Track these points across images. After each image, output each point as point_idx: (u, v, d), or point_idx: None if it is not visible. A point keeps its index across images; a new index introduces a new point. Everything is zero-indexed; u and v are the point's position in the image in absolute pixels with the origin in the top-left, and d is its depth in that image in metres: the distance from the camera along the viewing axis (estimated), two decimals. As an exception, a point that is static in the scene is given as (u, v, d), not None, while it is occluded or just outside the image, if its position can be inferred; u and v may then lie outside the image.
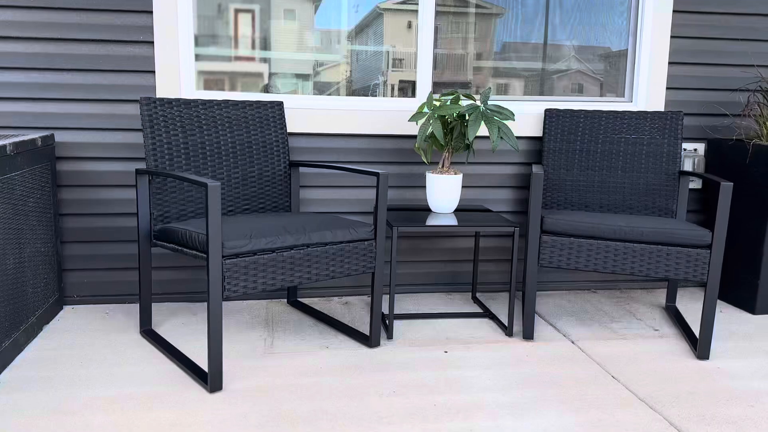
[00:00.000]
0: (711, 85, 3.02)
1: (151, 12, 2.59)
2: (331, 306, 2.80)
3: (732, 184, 2.20)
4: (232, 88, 2.76)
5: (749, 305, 2.81)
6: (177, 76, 2.62)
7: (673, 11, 2.93)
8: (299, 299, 2.86)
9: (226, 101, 2.51)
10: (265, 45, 2.77)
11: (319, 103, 2.79)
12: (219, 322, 1.94)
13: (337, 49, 2.83)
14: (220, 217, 1.89)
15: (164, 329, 2.49)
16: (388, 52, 2.86)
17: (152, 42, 2.60)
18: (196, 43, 2.71)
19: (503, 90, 2.98)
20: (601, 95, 3.04)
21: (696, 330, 2.61)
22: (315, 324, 2.57)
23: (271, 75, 2.80)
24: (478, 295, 3.00)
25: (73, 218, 2.68)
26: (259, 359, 2.23)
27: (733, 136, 3.06)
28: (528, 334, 2.46)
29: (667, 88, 2.99)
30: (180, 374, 2.10)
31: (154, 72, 2.62)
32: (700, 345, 2.30)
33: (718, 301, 2.97)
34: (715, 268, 2.24)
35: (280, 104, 2.60)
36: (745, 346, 2.44)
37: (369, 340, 2.35)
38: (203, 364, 2.18)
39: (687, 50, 2.98)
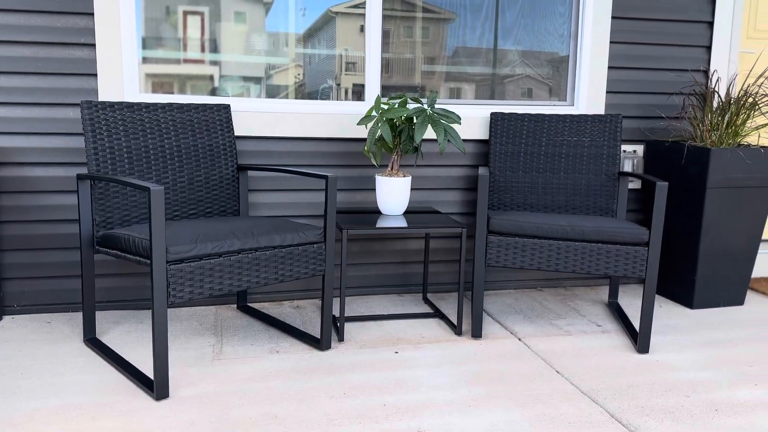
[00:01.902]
0: (648, 88, 3.15)
1: (93, 14, 2.53)
2: (282, 310, 2.79)
3: (667, 183, 2.30)
4: (182, 91, 2.73)
5: (687, 300, 2.93)
6: (120, 78, 2.57)
7: (612, 17, 3.04)
8: (249, 304, 2.84)
9: (171, 104, 2.48)
10: (215, 47, 2.75)
11: (268, 106, 2.78)
12: (164, 329, 1.92)
13: (289, 52, 2.83)
14: (164, 222, 1.86)
15: (109, 338, 2.43)
16: (341, 55, 2.88)
17: (94, 44, 2.55)
18: (144, 46, 2.66)
19: (455, 94, 3.03)
20: (550, 99, 3.13)
21: (637, 325, 2.70)
22: (265, 328, 2.55)
23: (221, 78, 2.77)
24: (429, 295, 3.03)
25: (12, 225, 2.59)
26: (208, 366, 2.20)
27: (670, 138, 3.19)
28: (477, 333, 2.50)
29: (607, 92, 3.10)
30: (126, 383, 2.06)
31: (96, 75, 2.57)
32: (639, 339, 2.39)
33: (658, 297, 3.09)
34: (653, 265, 2.33)
35: (227, 107, 2.58)
36: (682, 340, 2.55)
37: (320, 343, 2.35)
38: (149, 372, 2.14)
39: (625, 55, 3.09)
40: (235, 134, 2.71)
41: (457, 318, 2.54)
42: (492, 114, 2.89)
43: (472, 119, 2.95)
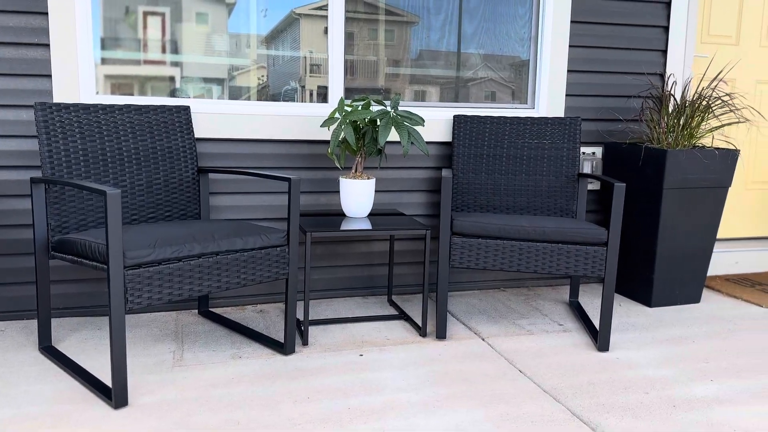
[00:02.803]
0: (606, 91, 3.21)
1: (47, 13, 2.46)
2: (245, 314, 2.76)
3: (624, 185, 2.34)
4: (142, 93, 2.67)
5: (646, 299, 3.00)
6: (76, 80, 2.51)
7: (571, 22, 3.10)
8: (211, 309, 2.79)
9: (129, 106, 2.42)
10: (176, 49, 2.70)
11: (230, 107, 2.74)
12: (122, 336, 1.87)
13: (252, 53, 2.80)
14: (121, 226, 1.82)
15: (66, 345, 2.36)
16: (305, 57, 2.86)
17: (48, 45, 2.48)
18: (103, 47, 2.60)
19: (420, 96, 3.05)
20: (513, 102, 3.16)
21: (597, 323, 2.75)
22: (228, 334, 2.52)
23: (183, 79, 2.73)
24: (394, 297, 3.03)
25: (-39, 231, 2.50)
26: (168, 372, 2.16)
27: (628, 140, 3.25)
28: (441, 334, 2.51)
29: (567, 95, 3.15)
30: (83, 391, 2.00)
31: (50, 76, 2.50)
32: (599, 338, 2.43)
33: (618, 296, 3.15)
34: (612, 265, 2.38)
35: (187, 109, 2.54)
36: (641, 338, 2.60)
37: (284, 348, 2.33)
38: (108, 380, 2.09)
39: (584, 59, 3.15)
40: (196, 136, 2.67)
41: (421, 319, 2.54)
42: (455, 116, 2.91)
43: (436, 121, 2.96)
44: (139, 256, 1.89)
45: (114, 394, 1.89)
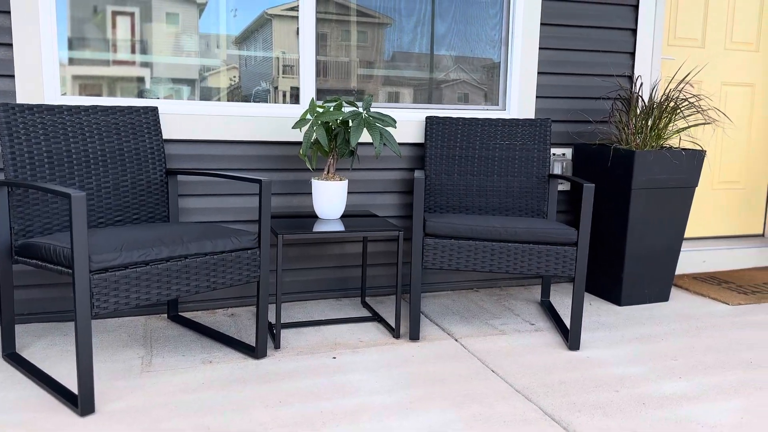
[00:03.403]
0: (576, 93, 3.25)
1: (9, 12, 2.40)
2: (216, 318, 2.72)
3: (594, 185, 2.37)
4: (111, 94, 2.62)
5: (615, 297, 3.04)
6: (40, 80, 2.45)
7: (541, 24, 3.12)
8: (181, 313, 2.75)
9: (95, 107, 2.38)
10: (146, 49, 2.66)
11: (200, 108, 2.71)
12: (88, 341, 1.83)
13: (223, 54, 2.77)
14: (86, 230, 1.78)
15: (30, 352, 2.31)
16: (278, 58, 2.84)
17: (11, 44, 2.42)
18: (71, 47, 2.55)
19: (393, 98, 3.04)
20: (485, 104, 3.18)
21: (568, 322, 2.78)
22: (198, 338, 2.48)
23: (153, 80, 2.69)
24: (367, 299, 3.02)
25: None
26: (136, 378, 2.12)
27: (597, 141, 3.30)
28: (414, 335, 2.51)
29: (537, 97, 3.18)
30: (48, 399, 1.95)
31: (13, 76, 2.44)
32: (570, 337, 2.45)
33: (588, 295, 3.18)
34: (582, 264, 2.40)
35: (155, 110, 2.49)
36: (611, 336, 2.63)
37: (255, 352, 2.30)
38: (74, 386, 2.04)
39: (554, 61, 3.18)
40: (166, 137, 2.63)
41: (395, 321, 2.54)
42: (427, 118, 2.91)
43: (408, 123, 2.96)
44: (105, 260, 1.85)
45: (80, 401, 1.85)
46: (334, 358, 2.33)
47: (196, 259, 2.07)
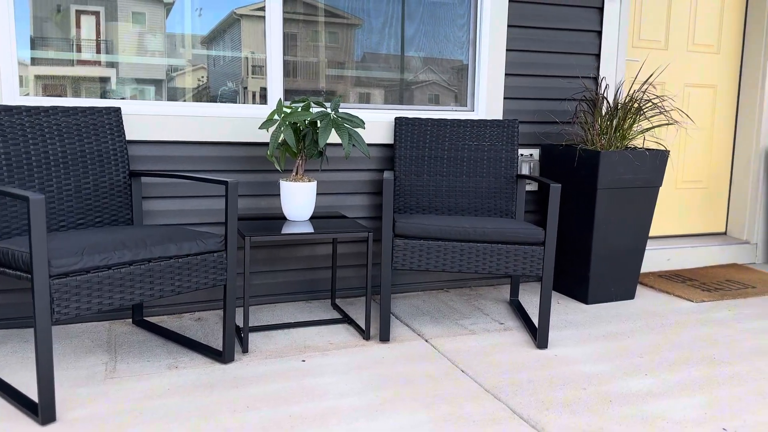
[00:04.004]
0: (543, 94, 3.28)
1: (-37, 9, 2.33)
2: (183, 323, 2.68)
3: (560, 185, 2.39)
4: (76, 94, 2.56)
5: (582, 296, 3.07)
6: (-3, 80, 2.38)
7: (508, 26, 3.15)
8: (146, 318, 2.70)
9: (55, 108, 2.32)
10: (112, 49, 2.60)
11: (165, 109, 2.66)
12: (48, 348, 1.78)
13: (189, 54, 2.73)
14: (45, 233, 1.73)
15: (-12, 360, 2.24)
16: (247, 58, 2.80)
17: (-35, 42, 2.35)
18: (33, 46, 2.48)
19: (364, 99, 3.03)
20: (456, 105, 3.19)
21: (536, 321, 2.80)
22: (164, 343, 2.44)
23: (118, 80, 2.63)
24: (337, 301, 3.01)
25: None
26: (100, 385, 2.07)
27: (563, 142, 3.33)
28: (384, 337, 2.50)
29: (505, 98, 3.20)
30: (7, 408, 1.89)
31: (-32, 75, 2.36)
32: (539, 335, 2.47)
33: (556, 294, 3.21)
34: (549, 264, 2.42)
35: (117, 110, 2.44)
36: (578, 334, 2.66)
37: (222, 356, 2.27)
38: (35, 394, 1.98)
39: (521, 62, 3.21)
40: (131, 138, 2.58)
41: (365, 322, 2.53)
42: (396, 118, 2.91)
43: (378, 124, 2.96)
44: (65, 264, 1.81)
45: (40, 410, 1.80)
46: (304, 361, 2.31)
47: (160, 263, 2.03)
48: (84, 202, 2.33)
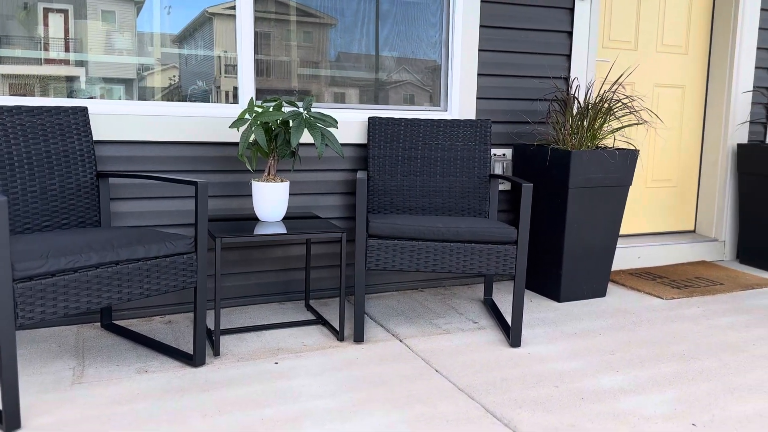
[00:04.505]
0: (515, 95, 3.30)
1: None
2: (153, 326, 2.63)
3: (532, 185, 2.41)
4: (44, 94, 2.50)
5: (555, 294, 3.10)
6: (-43, 78, 2.31)
7: (480, 26, 3.16)
8: (115, 321, 2.65)
9: (19, 107, 2.26)
10: (81, 48, 2.55)
11: (133, 108, 2.61)
12: (12, 353, 1.73)
13: (157, 52, 2.68)
14: (8, 236, 1.68)
15: (-51, 368, 2.17)
16: (219, 57, 2.76)
17: (-76, 39, 2.28)
18: (-2, 44, 2.42)
19: (340, 99, 3.02)
20: (431, 105, 3.19)
21: (510, 320, 2.81)
22: (133, 347, 2.39)
23: (88, 79, 2.57)
24: (311, 302, 2.99)
25: None
26: (67, 391, 2.02)
27: (536, 142, 3.36)
28: (359, 337, 2.49)
29: (478, 98, 3.21)
30: (-33, 417, 1.84)
31: (-73, 74, 2.29)
32: (512, 334, 2.48)
33: (529, 292, 3.23)
34: (521, 262, 2.44)
35: (84, 110, 2.39)
36: (551, 332, 2.68)
37: (193, 360, 2.23)
38: (-3, 402, 1.93)
39: (494, 63, 3.23)
40: (99, 138, 2.53)
41: (339, 323, 2.51)
42: (369, 118, 2.90)
43: (351, 123, 2.94)
44: (29, 267, 1.76)
45: (4, 417, 1.75)
46: (276, 363, 2.29)
47: (127, 266, 2.00)
48: (50, 204, 2.28)
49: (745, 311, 3.02)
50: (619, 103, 3.05)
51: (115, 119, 2.55)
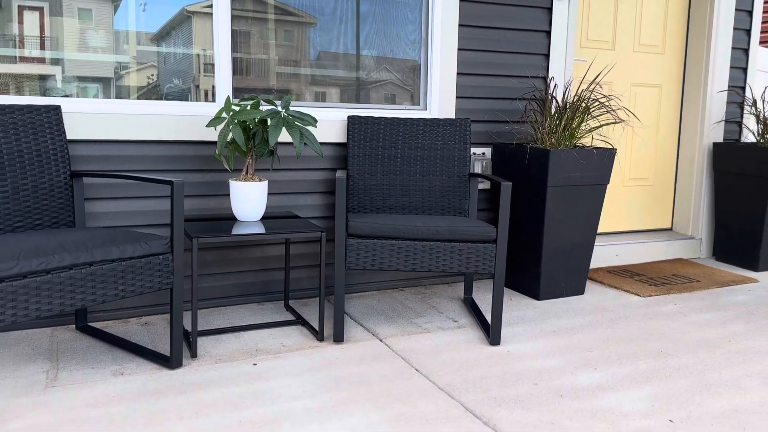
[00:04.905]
0: (494, 94, 3.31)
1: None
2: (129, 328, 2.59)
3: (511, 183, 2.42)
4: (20, 92, 2.45)
5: (534, 292, 3.11)
6: (-75, 76, 2.26)
7: (459, 25, 3.16)
8: (90, 323, 2.60)
9: (-11, 105, 2.21)
10: (58, 46, 2.50)
11: (109, 107, 2.57)
12: (-18, 358, 1.69)
13: (141, 51, 2.64)
14: (-23, 237, 1.64)
15: None
16: (198, 55, 2.73)
17: None
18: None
19: (321, 98, 3.00)
20: (412, 104, 3.18)
21: (489, 318, 2.82)
22: (109, 349, 2.35)
23: (64, 78, 2.53)
24: (291, 302, 2.97)
25: None
26: (40, 394, 1.98)
27: (515, 141, 3.37)
28: (338, 337, 2.48)
29: (457, 97, 3.21)
30: (-64, 423, 1.79)
31: None
32: (491, 332, 2.49)
33: (509, 290, 3.25)
34: (501, 261, 2.44)
35: (57, 108, 2.35)
36: (530, 330, 2.69)
37: (170, 362, 2.20)
38: (-33, 407, 1.89)
39: (473, 62, 3.23)
40: (74, 138, 2.48)
41: (318, 323, 2.50)
42: (349, 117, 2.88)
43: (330, 122, 2.93)
44: (0, 269, 1.72)
45: (-27, 424, 1.71)
46: (255, 364, 2.26)
47: (102, 267, 1.96)
48: (22, 204, 2.23)
49: (721, 308, 3.06)
50: (597, 103, 3.08)
51: (90, 118, 2.50)
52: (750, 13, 4.01)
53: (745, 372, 2.31)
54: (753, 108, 3.95)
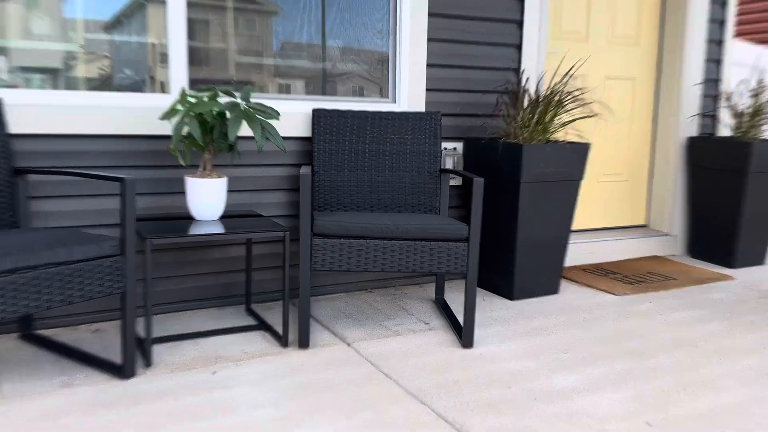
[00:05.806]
0: (466, 86, 3.21)
1: None
2: (78, 335, 2.43)
3: (483, 180, 2.32)
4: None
5: (508, 292, 3.03)
6: None
7: (429, 15, 3.06)
8: (37, 331, 2.44)
9: None
10: (2, 33, 2.33)
11: (55, 98, 2.41)
12: None
13: (93, 40, 2.49)
14: None
15: None
16: (153, 45, 2.58)
17: None
18: None
19: (285, 90, 2.87)
20: (380, 97, 3.07)
21: (462, 319, 2.72)
22: (56, 359, 2.20)
23: (10, 69, 2.36)
24: (253, 306, 2.83)
25: None
26: (-24, 410, 1.83)
27: (487, 135, 3.28)
28: (304, 342, 2.36)
29: (427, 90, 3.11)
30: None
31: None
32: (464, 334, 2.39)
33: (482, 290, 3.16)
34: (473, 260, 2.35)
35: (-4, 101, 2.18)
36: (504, 331, 2.60)
37: (122, 371, 2.06)
38: None
39: (443, 53, 3.13)
40: (14, 131, 2.32)
41: (282, 328, 2.38)
42: (314, 110, 2.76)
43: (294, 116, 2.80)
44: (-76, 275, 1.57)
45: None
46: (214, 372, 2.13)
47: (48, 270, 1.82)
48: (-43, 204, 2.07)
49: (697, 306, 3.02)
50: (570, 96, 3.00)
51: (35, 110, 2.34)
52: (724, 4, 3.98)
53: (722, 371, 2.26)
54: (728, 101, 3.93)
